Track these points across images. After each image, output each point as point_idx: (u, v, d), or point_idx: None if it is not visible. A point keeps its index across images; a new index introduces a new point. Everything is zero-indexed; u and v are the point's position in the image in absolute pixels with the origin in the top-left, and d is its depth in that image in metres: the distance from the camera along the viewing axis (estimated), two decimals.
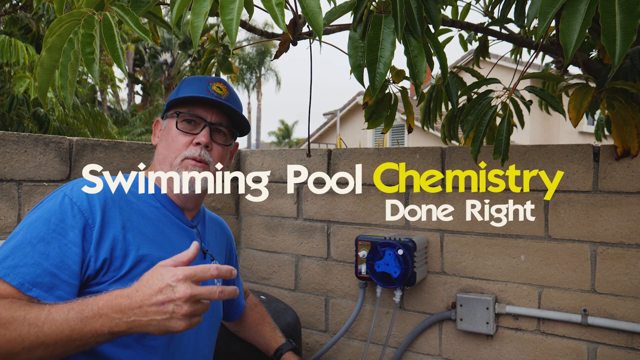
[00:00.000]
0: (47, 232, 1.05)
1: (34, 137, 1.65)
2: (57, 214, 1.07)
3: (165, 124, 1.29)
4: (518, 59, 2.61)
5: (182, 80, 1.31)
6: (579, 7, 0.93)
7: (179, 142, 1.23)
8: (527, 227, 1.77)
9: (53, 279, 1.02)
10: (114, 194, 1.16)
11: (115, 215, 1.13)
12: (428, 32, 1.25)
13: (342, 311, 2.16)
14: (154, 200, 1.24)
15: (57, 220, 1.07)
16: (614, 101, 1.52)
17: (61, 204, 1.09)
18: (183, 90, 1.27)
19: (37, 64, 1.14)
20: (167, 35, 18.54)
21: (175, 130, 1.24)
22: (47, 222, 1.06)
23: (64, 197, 1.10)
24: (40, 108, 5.30)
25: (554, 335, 1.73)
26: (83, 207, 1.10)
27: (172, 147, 1.23)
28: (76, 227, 1.07)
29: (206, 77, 1.31)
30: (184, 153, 1.22)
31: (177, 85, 1.32)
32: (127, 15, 1.11)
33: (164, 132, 1.29)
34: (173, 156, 1.23)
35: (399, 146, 2.66)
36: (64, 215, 1.08)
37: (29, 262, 1.01)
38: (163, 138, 1.28)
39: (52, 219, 1.07)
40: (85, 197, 1.12)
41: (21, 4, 5.40)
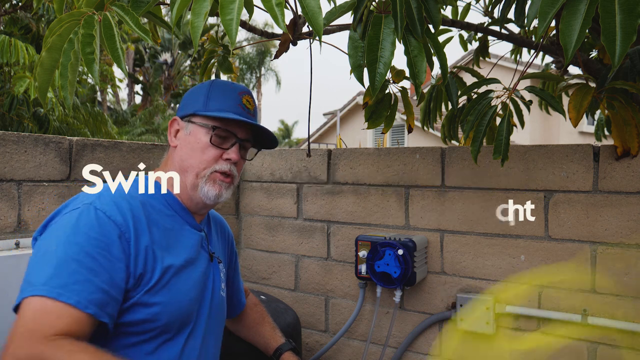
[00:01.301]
0: (91, 247, 1.02)
1: (34, 137, 1.65)
2: (95, 229, 1.04)
3: (191, 130, 1.26)
4: (518, 59, 2.61)
5: (211, 85, 1.28)
6: (579, 7, 0.93)
7: (209, 154, 1.23)
8: (527, 227, 1.77)
9: (104, 296, 1.00)
10: (137, 204, 1.15)
11: (143, 227, 1.13)
12: (428, 32, 1.25)
13: (342, 311, 2.16)
14: (167, 207, 1.23)
15: (98, 235, 1.04)
16: (614, 101, 1.52)
17: (97, 217, 1.06)
18: (215, 101, 1.25)
19: (37, 64, 1.14)
20: (167, 35, 18.54)
21: (206, 142, 1.23)
22: (88, 237, 1.03)
23: (97, 210, 1.07)
24: (40, 108, 5.30)
25: (554, 335, 1.73)
26: (118, 220, 1.08)
27: (201, 158, 1.23)
28: (117, 242, 1.06)
29: (236, 87, 1.29)
30: (214, 166, 1.23)
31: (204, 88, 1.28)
32: (127, 15, 1.11)
33: (188, 139, 1.26)
34: (202, 167, 1.23)
35: (399, 146, 2.66)
36: (103, 229, 1.05)
37: (80, 279, 0.98)
38: (188, 145, 1.25)
39: (91, 233, 1.03)
40: (118, 210, 1.10)
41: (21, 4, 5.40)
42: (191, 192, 1.24)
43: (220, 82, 1.30)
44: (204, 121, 1.25)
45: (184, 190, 1.26)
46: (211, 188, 1.23)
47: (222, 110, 1.23)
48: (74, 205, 1.11)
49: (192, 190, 1.24)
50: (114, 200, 1.12)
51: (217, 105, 1.24)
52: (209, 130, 1.24)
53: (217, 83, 1.30)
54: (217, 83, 1.29)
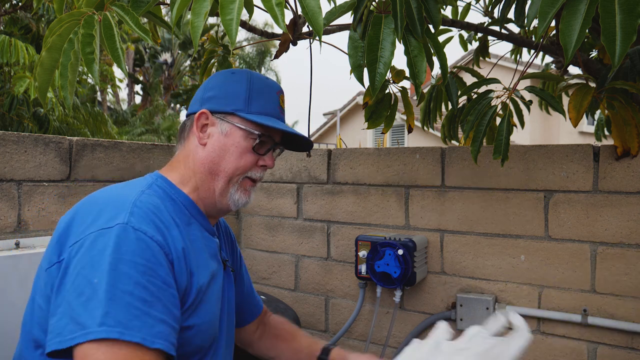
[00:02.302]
0: (139, 275, 0.90)
1: (34, 137, 1.65)
2: (140, 254, 0.92)
3: (228, 131, 1.13)
4: (518, 59, 2.61)
5: (251, 81, 1.15)
6: (579, 7, 0.93)
7: (247, 160, 1.13)
8: (527, 227, 1.77)
9: (166, 327, 0.91)
10: (166, 216, 1.04)
11: (179, 243, 1.02)
12: (428, 32, 1.25)
13: (342, 311, 2.16)
14: (185, 214, 1.11)
15: (144, 261, 0.92)
16: (614, 101, 1.52)
17: (138, 240, 0.94)
18: (257, 102, 1.14)
19: (37, 64, 1.14)
20: (167, 35, 18.54)
21: (245, 147, 1.13)
22: (135, 265, 0.91)
23: (136, 231, 0.94)
24: (40, 108, 5.30)
25: (554, 335, 1.73)
26: (160, 241, 0.97)
27: (237, 164, 1.12)
28: (164, 265, 0.95)
29: (274, 86, 1.18)
30: (248, 173, 1.14)
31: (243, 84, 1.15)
32: (127, 15, 1.11)
33: (223, 140, 1.13)
34: (237, 173, 1.13)
35: (399, 146, 2.66)
36: (148, 253, 0.94)
37: (137, 313, 0.88)
38: (223, 147, 1.12)
39: (137, 259, 0.91)
40: (156, 228, 0.98)
41: (21, 4, 5.40)
42: (219, 198, 1.14)
43: (258, 79, 1.17)
44: (246, 125, 1.12)
45: (209, 195, 1.14)
46: (242, 195, 1.14)
47: (265, 114, 1.13)
48: (104, 222, 0.95)
49: (220, 196, 1.13)
50: (149, 216, 0.99)
51: (259, 107, 1.13)
52: (252, 136, 1.13)
53: (256, 80, 1.16)
54: (256, 80, 1.16)
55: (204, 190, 1.13)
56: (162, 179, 1.13)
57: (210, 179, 1.13)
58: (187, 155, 1.15)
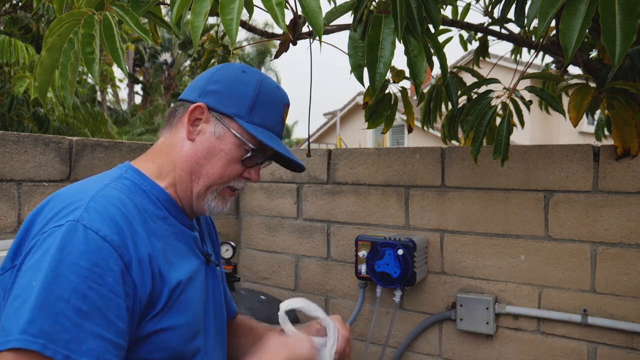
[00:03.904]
0: (81, 281, 0.81)
1: (34, 137, 1.65)
2: (86, 256, 0.83)
3: (222, 134, 1.05)
4: (518, 59, 2.61)
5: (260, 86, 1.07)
6: (579, 7, 0.93)
7: (232, 171, 1.06)
8: (527, 227, 1.77)
9: (100, 343, 0.81)
10: (131, 210, 0.95)
11: (144, 242, 0.94)
12: (428, 32, 1.26)
13: (342, 311, 2.16)
14: (158, 207, 1.03)
15: (89, 264, 0.83)
16: (614, 101, 1.52)
17: (87, 240, 0.84)
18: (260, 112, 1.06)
19: (37, 64, 1.15)
20: (167, 35, 18.54)
21: (236, 157, 1.05)
22: (77, 268, 0.82)
23: (86, 230, 0.85)
24: (40, 108, 5.30)
25: (554, 335, 1.73)
26: (115, 241, 0.87)
27: (222, 172, 1.05)
28: (114, 270, 0.85)
29: (282, 98, 1.11)
30: (231, 183, 1.08)
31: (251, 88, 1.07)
32: (127, 15, 1.12)
33: (213, 142, 1.05)
34: (219, 181, 1.06)
35: (399, 146, 2.67)
36: (96, 255, 0.84)
37: (67, 325, 0.78)
38: (211, 149, 1.05)
39: (81, 262, 0.82)
40: (113, 226, 0.88)
41: (21, 4, 5.40)
42: (195, 201, 1.07)
43: (269, 86, 1.09)
44: (242, 134, 1.04)
45: (186, 195, 1.06)
46: (219, 204, 1.08)
47: (265, 127, 1.06)
48: (56, 220, 0.87)
49: (196, 199, 1.07)
50: (106, 212, 0.89)
51: (261, 119, 1.06)
52: (246, 147, 1.05)
53: (266, 87, 1.08)
54: (266, 86, 1.08)
55: (181, 189, 1.06)
56: (132, 170, 1.04)
57: (189, 179, 1.05)
58: (171, 147, 1.07)
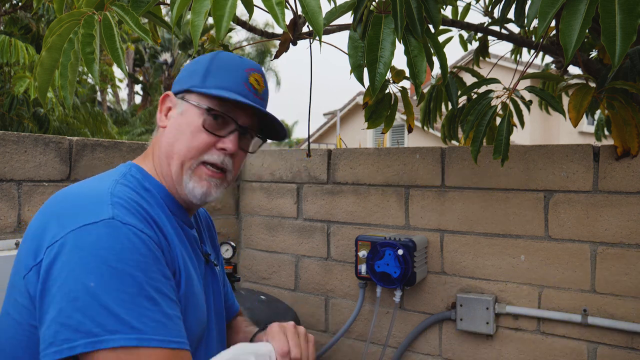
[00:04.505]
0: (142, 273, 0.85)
1: (34, 137, 1.65)
2: (136, 250, 0.86)
3: (184, 109, 1.05)
4: (518, 59, 2.61)
5: (214, 57, 1.07)
6: (579, 7, 0.93)
7: (199, 140, 1.02)
8: (527, 227, 1.77)
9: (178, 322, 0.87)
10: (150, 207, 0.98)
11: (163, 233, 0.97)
12: (428, 32, 1.26)
13: (342, 311, 2.16)
14: (163, 208, 1.03)
15: (142, 257, 0.86)
16: (614, 101, 1.52)
17: (129, 235, 0.87)
18: (215, 76, 1.04)
19: (37, 64, 1.15)
20: (167, 35, 18.54)
21: (198, 126, 1.02)
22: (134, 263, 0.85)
23: (125, 225, 0.87)
24: (40, 108, 5.30)
25: (554, 335, 1.73)
26: (150, 234, 0.91)
27: (189, 145, 1.02)
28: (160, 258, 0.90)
29: (244, 63, 1.07)
30: (203, 156, 1.03)
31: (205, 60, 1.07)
32: (127, 15, 1.12)
33: (179, 119, 1.05)
34: (189, 156, 1.02)
35: (399, 146, 2.67)
36: (144, 248, 0.87)
37: (148, 314, 0.82)
38: (178, 127, 1.04)
39: (135, 257, 0.86)
40: (145, 222, 0.92)
41: (21, 4, 5.40)
42: (177, 186, 1.05)
43: (225, 55, 1.07)
44: (198, 101, 1.03)
45: (170, 183, 1.06)
46: (197, 185, 1.03)
47: (222, 88, 1.02)
48: (84, 218, 0.87)
49: (177, 184, 1.04)
50: (132, 207, 0.92)
51: (216, 82, 1.03)
52: (203, 112, 1.03)
53: (222, 55, 1.07)
54: (221, 55, 1.07)
55: (167, 178, 1.06)
56: (135, 168, 1.06)
57: (167, 163, 1.04)
58: (156, 141, 1.09)
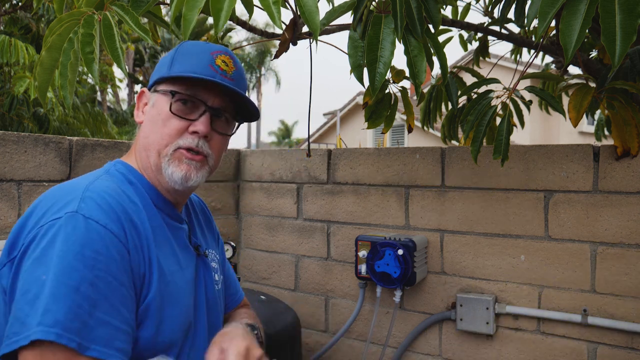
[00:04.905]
0: (88, 270, 0.83)
1: (34, 137, 1.65)
2: (89, 244, 0.85)
3: (154, 100, 1.05)
4: (518, 59, 2.61)
5: (178, 45, 1.07)
6: (579, 7, 0.93)
7: (171, 127, 1.02)
8: (527, 227, 1.77)
9: (108, 330, 0.83)
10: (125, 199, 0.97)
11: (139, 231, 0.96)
12: (428, 32, 1.26)
13: (342, 311, 2.16)
14: (147, 201, 1.04)
15: (94, 254, 0.85)
16: (614, 101, 1.52)
17: (88, 230, 0.86)
18: (180, 62, 1.04)
19: (37, 64, 1.15)
20: (167, 35, 18.54)
21: (167, 112, 1.02)
22: (83, 258, 0.84)
23: (86, 220, 0.87)
24: (40, 108, 5.30)
25: (554, 335, 1.73)
26: (115, 230, 0.89)
27: (162, 133, 1.02)
28: (116, 258, 0.88)
29: (209, 46, 1.07)
30: (177, 142, 1.02)
31: (171, 51, 1.08)
32: (127, 15, 1.12)
33: (151, 111, 1.05)
34: (163, 144, 1.02)
35: (399, 146, 2.67)
36: (99, 244, 0.86)
37: (78, 312, 0.80)
38: (151, 118, 1.05)
39: (86, 252, 0.84)
40: (112, 216, 0.91)
41: (21, 4, 5.41)
42: (157, 175, 1.04)
43: (191, 43, 1.07)
44: (166, 87, 1.04)
45: (151, 174, 1.06)
46: (176, 169, 1.02)
47: (186, 72, 1.02)
48: (52, 213, 0.88)
49: (157, 173, 1.04)
50: (102, 201, 0.91)
51: (181, 68, 1.02)
52: (170, 97, 1.02)
53: (187, 44, 1.07)
54: (186, 43, 1.07)
55: (147, 171, 1.06)
56: (121, 164, 1.07)
57: (146, 156, 1.05)
58: (136, 138, 1.11)
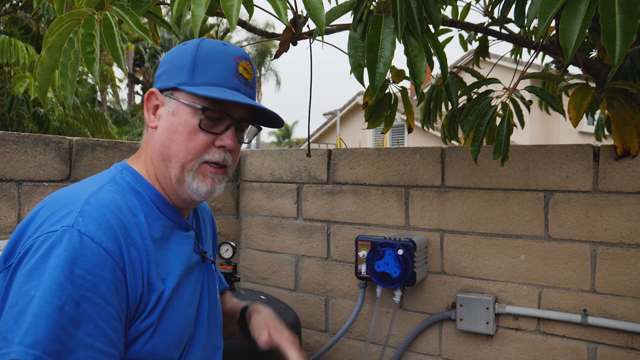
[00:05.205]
0: (75, 289, 0.81)
1: (34, 137, 1.65)
2: (79, 263, 0.82)
3: (174, 108, 1.00)
4: (518, 59, 2.61)
5: (198, 47, 1.01)
6: (579, 7, 0.93)
7: (197, 141, 0.99)
8: (527, 227, 1.77)
9: (88, 353, 0.81)
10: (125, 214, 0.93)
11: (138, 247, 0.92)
12: (428, 32, 1.26)
13: (342, 311, 2.16)
14: (152, 208, 1.01)
15: (84, 272, 0.82)
16: (614, 101, 1.52)
17: (82, 247, 0.83)
18: (203, 70, 0.99)
19: (37, 64, 1.15)
20: (167, 35, 18.55)
21: (194, 126, 0.99)
22: (72, 277, 0.81)
23: (81, 236, 0.84)
24: (40, 108, 5.31)
25: (554, 335, 1.73)
26: (110, 248, 0.86)
27: (188, 146, 0.99)
28: (108, 278, 0.85)
29: (229, 51, 1.02)
30: (203, 156, 1.00)
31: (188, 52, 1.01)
32: (127, 15, 1.12)
33: (171, 119, 1.00)
34: (189, 158, 0.99)
35: (399, 146, 2.67)
36: (91, 263, 0.84)
37: (60, 334, 0.78)
38: (171, 127, 1.00)
39: (76, 271, 0.82)
40: (108, 232, 0.88)
41: (21, 4, 5.41)
42: (177, 187, 1.01)
43: (209, 45, 1.02)
44: (191, 100, 0.98)
45: (168, 184, 1.02)
46: (201, 184, 1.00)
47: (213, 84, 0.98)
48: (50, 224, 0.86)
49: (177, 185, 1.01)
50: (101, 216, 0.88)
51: (206, 77, 0.98)
52: (198, 112, 0.98)
53: (206, 45, 1.01)
54: (205, 45, 1.01)
55: (162, 179, 1.03)
56: (127, 170, 1.03)
57: (164, 166, 1.01)
58: (147, 141, 1.06)
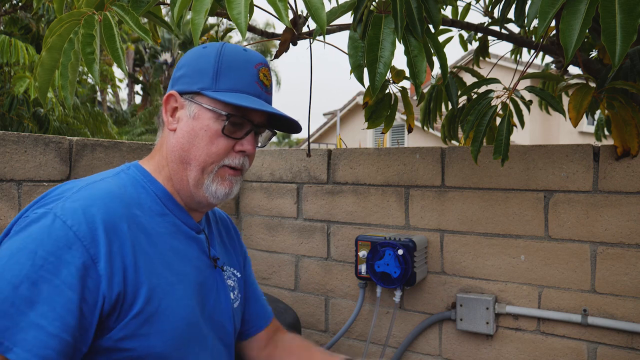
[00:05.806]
0: (34, 269, 0.81)
1: (34, 137, 1.65)
2: (45, 244, 0.83)
3: (195, 112, 1.01)
4: (518, 59, 2.61)
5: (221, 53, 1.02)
6: (579, 7, 0.93)
7: (219, 146, 1.01)
8: (527, 227, 1.77)
9: (38, 334, 0.79)
10: (117, 205, 0.94)
11: (123, 237, 0.92)
12: (428, 32, 1.26)
13: (342, 311, 2.16)
14: (158, 204, 1.02)
15: (46, 253, 0.83)
16: (614, 101, 1.52)
17: (51, 228, 0.85)
18: (227, 77, 1.01)
19: (37, 64, 1.15)
20: (167, 35, 18.55)
21: (216, 131, 1.00)
22: (33, 256, 0.82)
23: (55, 219, 0.86)
24: (40, 108, 5.31)
25: (554, 335, 1.73)
26: (81, 233, 0.86)
27: (209, 151, 1.00)
28: (72, 262, 0.84)
29: (251, 58, 1.04)
30: (223, 160, 1.02)
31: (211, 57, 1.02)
32: (127, 15, 1.12)
33: (192, 123, 1.01)
34: (209, 161, 1.01)
35: (399, 146, 2.67)
36: (56, 244, 0.84)
37: (11, 311, 0.78)
38: (192, 131, 1.01)
39: (38, 251, 0.82)
40: (84, 218, 0.88)
41: (21, 4, 5.41)
42: (193, 189, 1.02)
43: (232, 50, 1.03)
44: (214, 105, 1.00)
45: (183, 186, 1.04)
46: (220, 187, 1.02)
47: (236, 91, 1.00)
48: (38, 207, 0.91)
49: (195, 187, 1.02)
50: (86, 203, 0.90)
51: (229, 84, 1.00)
52: (221, 117, 1.00)
53: (228, 51, 1.02)
54: (227, 51, 1.02)
55: (177, 181, 1.04)
56: (135, 167, 1.06)
57: (182, 168, 1.02)
58: (163, 143, 1.07)
